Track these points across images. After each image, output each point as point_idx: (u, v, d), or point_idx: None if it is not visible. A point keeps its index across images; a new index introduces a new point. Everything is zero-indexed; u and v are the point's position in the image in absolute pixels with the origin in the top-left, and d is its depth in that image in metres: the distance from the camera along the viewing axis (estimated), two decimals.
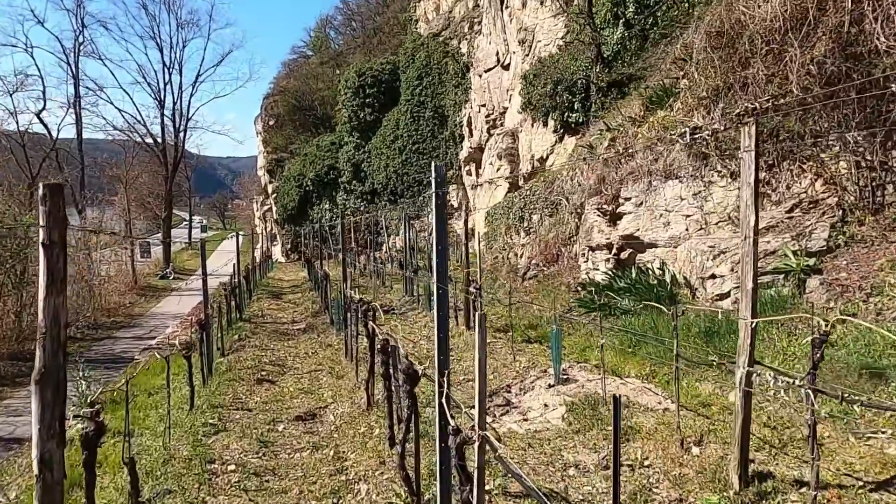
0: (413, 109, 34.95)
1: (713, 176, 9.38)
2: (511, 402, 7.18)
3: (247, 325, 13.90)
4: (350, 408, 7.12)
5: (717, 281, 8.98)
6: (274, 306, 18.24)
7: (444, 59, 33.85)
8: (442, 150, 34.29)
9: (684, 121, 9.53)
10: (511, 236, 16.38)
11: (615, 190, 10.74)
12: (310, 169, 41.62)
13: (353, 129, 38.77)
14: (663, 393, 6.77)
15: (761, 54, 8.42)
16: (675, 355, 5.36)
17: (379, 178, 36.88)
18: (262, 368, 9.60)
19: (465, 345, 10.07)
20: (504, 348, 9.40)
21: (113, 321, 29.56)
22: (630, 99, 13.10)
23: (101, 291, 32.28)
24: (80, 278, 29.84)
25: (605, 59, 17.88)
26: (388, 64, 38.37)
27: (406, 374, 4.07)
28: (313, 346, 11.59)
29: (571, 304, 10.79)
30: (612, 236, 10.88)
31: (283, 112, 50.03)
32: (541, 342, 9.76)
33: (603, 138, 11.89)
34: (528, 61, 25.71)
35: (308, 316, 15.37)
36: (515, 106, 26.79)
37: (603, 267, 11.07)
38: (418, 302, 14.53)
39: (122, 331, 27.70)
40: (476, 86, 30.82)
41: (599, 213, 11.04)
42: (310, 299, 18.63)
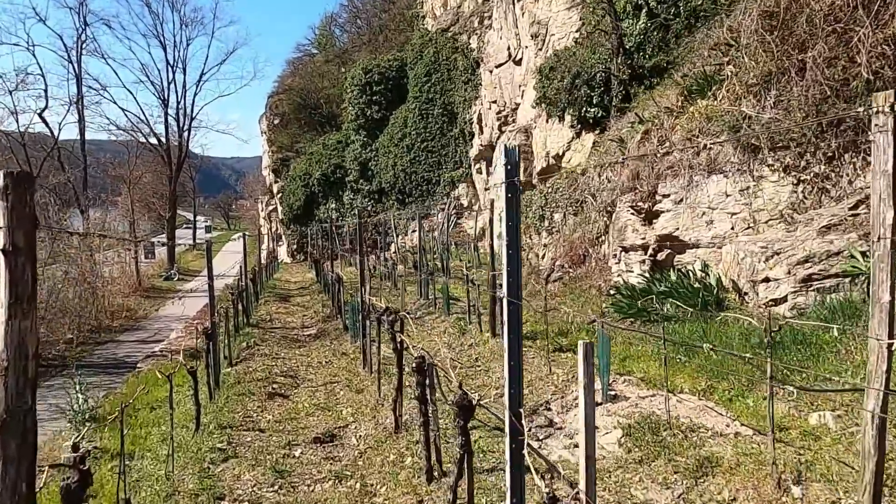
0: (421, 107, 34.20)
1: (763, 170, 8.60)
2: (554, 423, 6.43)
3: (255, 331, 13.18)
4: (374, 429, 6.37)
5: (770, 285, 8.19)
6: (282, 310, 17.52)
7: (452, 54, 33.09)
8: (451, 148, 33.54)
9: (731, 110, 8.75)
10: (530, 236, 15.62)
11: (651, 186, 9.96)
12: (316, 168, 40.91)
13: (360, 127, 38.04)
14: (728, 413, 5.99)
15: (823, 35, 7.64)
16: (768, 376, 4.56)
17: (387, 177, 36.14)
18: (274, 380, 8.86)
19: (492, 354, 9.31)
20: (537, 358, 8.64)
21: (116, 324, 28.92)
22: (664, 89, 12.31)
23: (103, 293, 31.61)
24: (83, 280, 29.23)
25: (626, 50, 17.09)
26: (395, 60, 37.62)
27: (459, 406, 3.32)
28: (327, 354, 10.86)
29: (605, 310, 10.02)
30: (647, 236, 10.11)
31: (288, 111, 49.34)
32: (574, 351, 9.00)
33: (634, 131, 11.12)
34: (541, 56, 24.92)
35: (319, 321, 14.64)
36: (528, 101, 26.01)
37: (637, 269, 10.29)
38: (435, 305, 13.78)
39: (126, 334, 27.04)
40: (486, 82, 30.04)
41: (633, 212, 10.27)
42: (319, 302, 17.90)
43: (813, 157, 8.09)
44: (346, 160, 39.56)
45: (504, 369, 3.08)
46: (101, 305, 29.73)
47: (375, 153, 37.32)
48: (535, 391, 7.45)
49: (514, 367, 2.99)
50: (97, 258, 31.84)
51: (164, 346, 16.34)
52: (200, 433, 6.58)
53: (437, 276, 16.19)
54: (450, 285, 16.04)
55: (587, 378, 2.32)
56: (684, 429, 5.51)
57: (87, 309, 28.38)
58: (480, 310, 11.05)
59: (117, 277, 36.66)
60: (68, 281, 27.93)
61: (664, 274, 9.75)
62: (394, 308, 6.24)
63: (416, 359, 4.73)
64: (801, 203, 8.30)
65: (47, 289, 25.80)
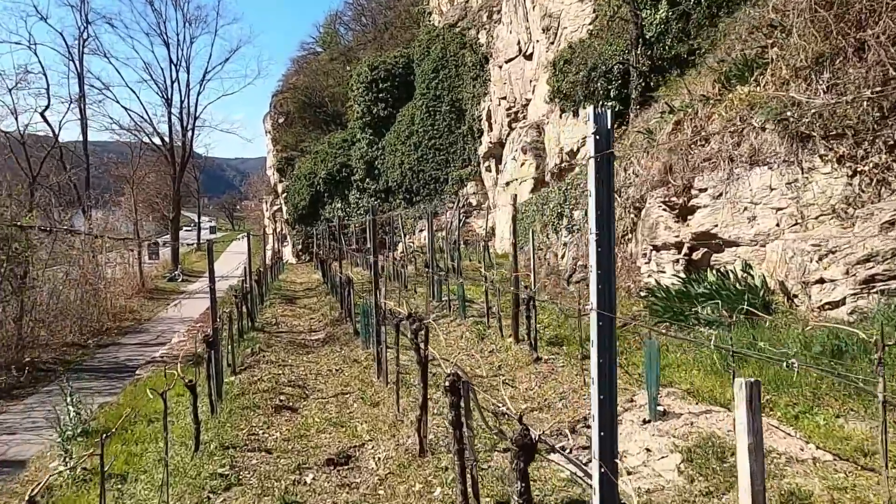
0: (429, 104, 33.50)
1: (814, 161, 7.86)
2: None
3: (260, 336, 12.49)
4: (395, 450, 5.67)
5: (825, 286, 7.46)
6: (288, 312, 16.84)
7: (460, 50, 32.39)
8: (459, 145, 32.84)
9: (778, 96, 8.01)
10: (548, 235, 14.90)
11: (686, 180, 9.24)
12: (321, 167, 40.27)
13: (366, 125, 37.38)
14: (798, 434, 5.27)
15: (887, 10, 6.91)
16: (880, 400, 3.83)
17: (393, 176, 35.46)
18: (281, 391, 8.17)
19: (516, 361, 8.61)
20: (566, 368, 7.93)
21: (119, 326, 28.33)
22: (696, 76, 11.57)
23: (105, 295, 31.03)
24: (85, 281, 28.67)
25: (647, 40, 16.36)
26: (401, 57, 36.94)
27: (519, 446, 2.62)
28: (337, 361, 10.17)
29: (637, 313, 9.31)
30: (681, 233, 9.38)
31: (292, 109, 48.73)
32: None
33: (665, 122, 10.39)
34: (553, 50, 24.20)
35: (327, 324, 13.96)
36: (540, 97, 25.29)
37: (670, 269, 9.57)
38: (449, 308, 13.08)
39: (128, 336, 26.44)
40: (496, 77, 29.34)
41: (666, 208, 9.55)
42: (327, 304, 17.22)
43: (872, 145, 7.35)
44: (352, 159, 38.91)
45: (592, 405, 2.38)
46: (103, 307, 29.15)
47: (382, 151, 36.66)
48: (569, 405, 6.75)
49: (606, 402, 2.29)
50: (100, 259, 31.29)
51: (166, 351, 15.69)
52: (200, 454, 5.90)
53: (449, 276, 15.51)
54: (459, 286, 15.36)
55: (754, 437, 1.61)
56: None
57: (89, 311, 27.83)
58: (499, 313, 10.36)
59: (120, 278, 36.10)
60: (69, 282, 27.37)
61: (700, 274, 9.03)
62: (417, 314, 5.54)
63: (449, 376, 4.03)
64: (857, 197, 7.55)
65: (48, 290, 25.25)
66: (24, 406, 15.89)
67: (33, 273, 24.11)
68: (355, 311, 11.89)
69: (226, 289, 26.28)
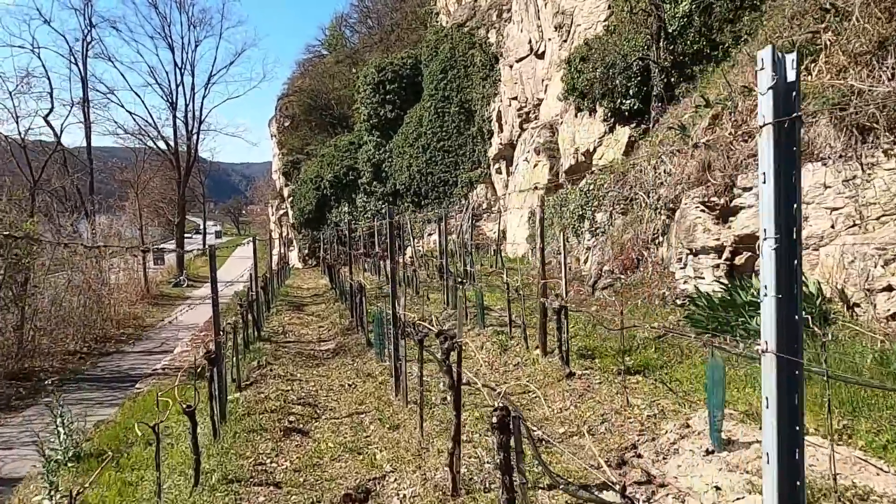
0: (437, 105, 32.86)
1: (876, 155, 7.12)
2: (651, 475, 4.99)
3: (266, 347, 11.80)
4: (422, 486, 4.95)
5: (893, 294, 6.72)
6: (296, 320, 16.15)
7: (469, 50, 31.76)
8: (469, 147, 32.17)
9: (834, 84, 7.28)
10: (567, 238, 14.17)
11: (728, 178, 8.51)
12: (327, 170, 39.66)
13: (373, 127, 36.76)
14: (893, 469, 4.53)
15: None
16: None
17: (401, 179, 34.81)
18: (290, 410, 7.46)
19: (546, 377, 7.88)
20: (605, 384, 7.20)
21: (122, 333, 27.80)
22: (733, 66, 10.83)
23: (109, 302, 30.49)
24: (88, 288, 28.12)
25: (669, 34, 15.65)
26: (409, 58, 36.32)
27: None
28: (349, 374, 9.46)
29: (675, 323, 8.58)
30: (722, 236, 8.65)
31: (298, 112, 48.20)
32: (643, 373, 7.56)
33: (699, 116, 9.67)
34: (566, 48, 23.53)
35: (337, 333, 13.26)
36: (553, 96, 24.61)
37: (710, 275, 8.84)
38: (466, 317, 12.35)
39: (132, 344, 25.91)
40: (506, 77, 28.68)
41: (704, 208, 8.82)
42: (336, 311, 16.53)
43: None
44: (358, 162, 38.30)
45: (765, 488, 1.65)
46: (106, 314, 28.65)
47: (389, 154, 36.02)
48: (612, 428, 6.02)
49: (787, 488, 1.56)
50: (103, 265, 30.74)
51: (168, 363, 15.00)
52: (200, 489, 5.20)
53: (463, 282, 14.80)
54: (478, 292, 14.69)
55: None
56: (850, 496, 4.07)
57: (92, 318, 27.29)
58: (524, 322, 9.64)
59: (124, 284, 35.61)
60: (72, 289, 26.83)
61: (744, 281, 8.29)
62: (448, 331, 4.83)
63: (497, 412, 3.32)
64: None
65: (49, 297, 24.69)
66: (23, 418, 15.27)
67: (34, 280, 23.55)
68: (367, 320, 11.21)
69: (231, 295, 25.69)
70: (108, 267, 31.15)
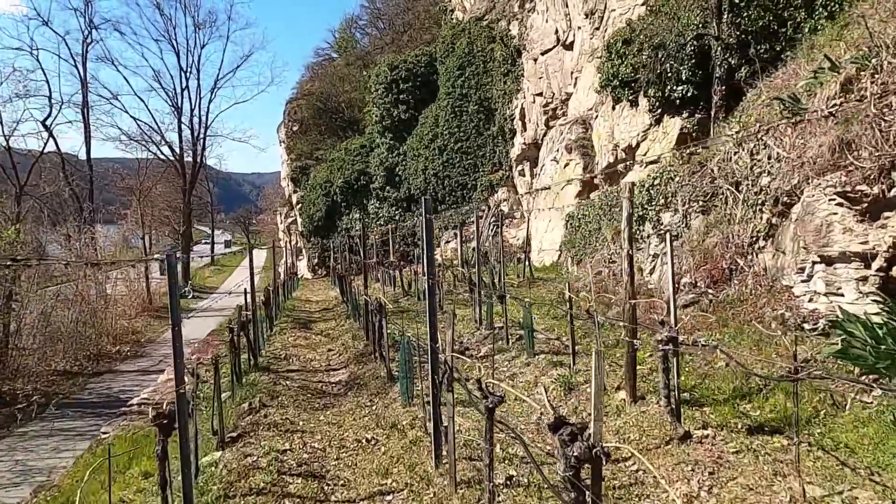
0: (454, 104, 30.75)
1: None
2: None
3: (264, 379, 9.59)
4: None
5: None
6: (302, 341, 13.97)
7: (489, 45, 29.66)
8: (489, 148, 30.02)
9: None
10: (620, 244, 11.93)
11: (884, 160, 6.24)
12: (338, 175, 37.63)
13: (386, 129, 34.71)
14: None
15: None
16: None
17: (416, 183, 32.68)
18: (285, 488, 5.26)
19: (643, 434, 5.65)
20: (745, 454, 4.94)
21: (118, 350, 25.80)
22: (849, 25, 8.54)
23: (105, 315, 28.46)
24: (81, 300, 26.18)
25: (734, 5, 13.43)
26: (423, 56, 34.29)
27: None
28: (368, 423, 7.24)
29: (809, 356, 6.32)
30: (872, 238, 6.38)
31: (307, 116, 46.28)
32: (783, 432, 5.30)
33: (819, 82, 7.42)
34: (598, 36, 21.37)
35: (350, 360, 11.06)
36: (584, 89, 22.44)
37: (851, 291, 6.56)
38: (506, 340, 10.13)
39: (128, 362, 23.93)
40: (530, 72, 26.52)
41: (844, 201, 6.55)
42: (347, 330, 14.35)
43: None
44: (370, 166, 36.25)
45: None
46: (102, 329, 26.66)
47: (403, 157, 33.93)
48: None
49: None
50: (99, 277, 28.80)
51: (147, 397, 12.72)
52: None
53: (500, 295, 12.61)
54: (511, 308, 12.55)
55: None
56: None
57: (87, 333, 25.35)
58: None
59: (124, 296, 33.72)
60: (63, 303, 24.91)
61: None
62: (568, 422, 2.61)
63: None
64: None
65: (37, 312, 22.70)
66: (5, 446, 13.42)
67: (20, 294, 21.57)
68: (384, 344, 9.01)
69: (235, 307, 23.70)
70: (104, 278, 29.18)
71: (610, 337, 8.78)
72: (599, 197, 14.46)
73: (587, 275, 13.27)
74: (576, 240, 15.83)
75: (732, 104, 13.38)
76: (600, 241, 12.94)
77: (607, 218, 13.11)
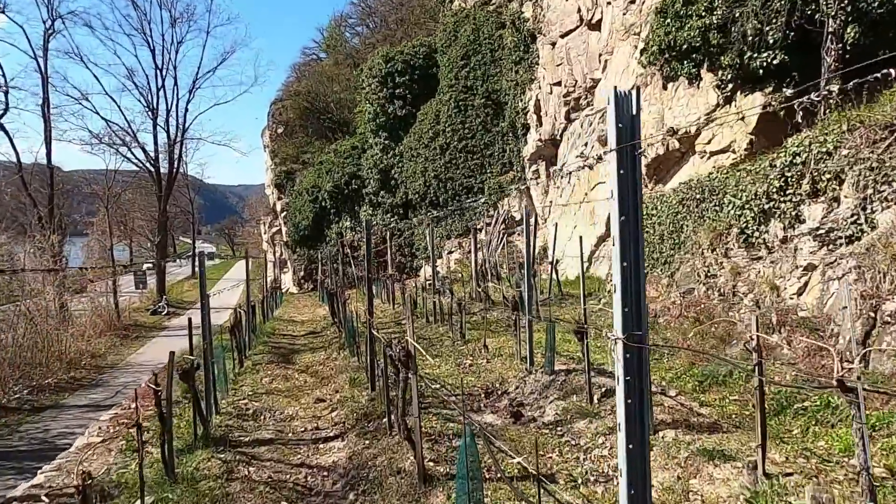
0: (458, 97, 27.42)
1: None
2: None
3: (212, 466, 5.96)
4: None
5: None
6: (280, 383, 10.31)
7: (497, 31, 26.42)
8: (498, 146, 26.68)
9: None
10: (726, 251, 8.54)
11: None
12: (326, 180, 34.12)
13: (380, 127, 31.27)
14: None
15: None
16: None
17: (414, 187, 29.23)
18: None
19: None
20: None
21: (72, 377, 22.01)
22: None
23: (58, 337, 24.54)
24: (29, 320, 22.50)
25: None
26: (421, 46, 31.00)
27: None
28: None
29: None
30: None
31: (293, 117, 42.76)
32: None
33: None
34: (633, 11, 18.18)
35: (348, 420, 7.50)
36: (616, 73, 19.18)
37: None
38: (588, 396, 6.66)
39: (78, 393, 20.10)
40: (546, 59, 23.27)
41: None
42: (342, 368, 10.78)
43: None
44: (362, 168, 32.79)
45: None
46: (54, 352, 22.88)
47: (400, 158, 30.49)
48: None
49: None
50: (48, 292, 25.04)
51: (52, 475, 8.89)
52: None
53: (520, 315, 9.18)
54: (558, 334, 9.28)
55: None
56: None
57: (35, 358, 21.65)
58: (762, 419, 3.93)
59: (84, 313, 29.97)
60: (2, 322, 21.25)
61: None
62: None
63: None
64: None
65: None
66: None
67: None
68: (403, 401, 5.46)
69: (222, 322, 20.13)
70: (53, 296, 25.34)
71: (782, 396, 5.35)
72: (679, 189, 11.07)
73: (665, 294, 9.85)
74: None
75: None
76: (687, 248, 9.55)
77: (695, 215, 9.72)
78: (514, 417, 6.77)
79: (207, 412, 7.12)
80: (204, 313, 7.36)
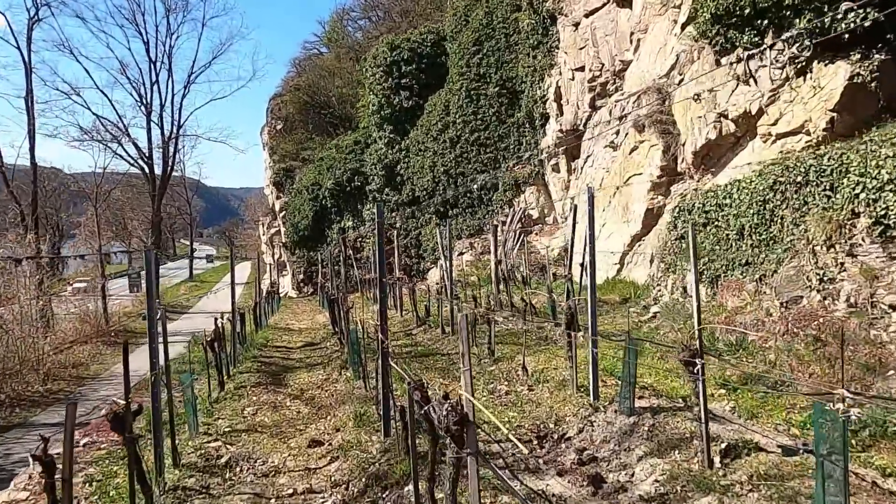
0: (470, 87, 25.37)
1: None
2: None
3: None
4: None
5: None
6: (266, 415, 8.13)
7: (512, 13, 24.38)
8: (513, 138, 24.61)
9: None
10: (854, 250, 6.45)
11: None
12: (327, 176, 32.08)
13: (385, 120, 29.22)
14: None
15: None
16: None
17: (422, 183, 27.17)
18: None
19: None
20: None
21: (47, 390, 19.96)
22: None
23: (35, 345, 22.49)
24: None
25: None
26: (429, 34, 28.97)
27: None
28: None
29: None
30: None
31: (293, 112, 40.74)
32: None
33: None
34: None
35: (355, 472, 5.35)
36: (651, 52, 17.14)
37: None
38: (706, 457, 4.55)
39: (52, 409, 17.98)
40: (568, 42, 21.23)
41: None
42: (346, 395, 8.68)
43: None
44: (366, 164, 30.75)
45: None
46: (30, 362, 20.88)
47: (406, 153, 28.43)
48: None
49: None
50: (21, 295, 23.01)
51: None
52: None
53: (551, 329, 7.11)
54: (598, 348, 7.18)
55: None
56: None
57: (9, 368, 19.70)
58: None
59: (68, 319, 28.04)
60: None
61: None
62: None
63: None
64: None
65: None
66: None
67: None
68: (438, 458, 3.41)
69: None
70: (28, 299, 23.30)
71: None
72: (768, 171, 8.94)
73: (754, 303, 7.74)
74: (687, 247, 10.35)
75: None
76: (786, 245, 7.46)
77: (796, 204, 7.63)
78: (593, 485, 4.67)
79: (158, 469, 5.07)
80: (153, 346, 5.34)
